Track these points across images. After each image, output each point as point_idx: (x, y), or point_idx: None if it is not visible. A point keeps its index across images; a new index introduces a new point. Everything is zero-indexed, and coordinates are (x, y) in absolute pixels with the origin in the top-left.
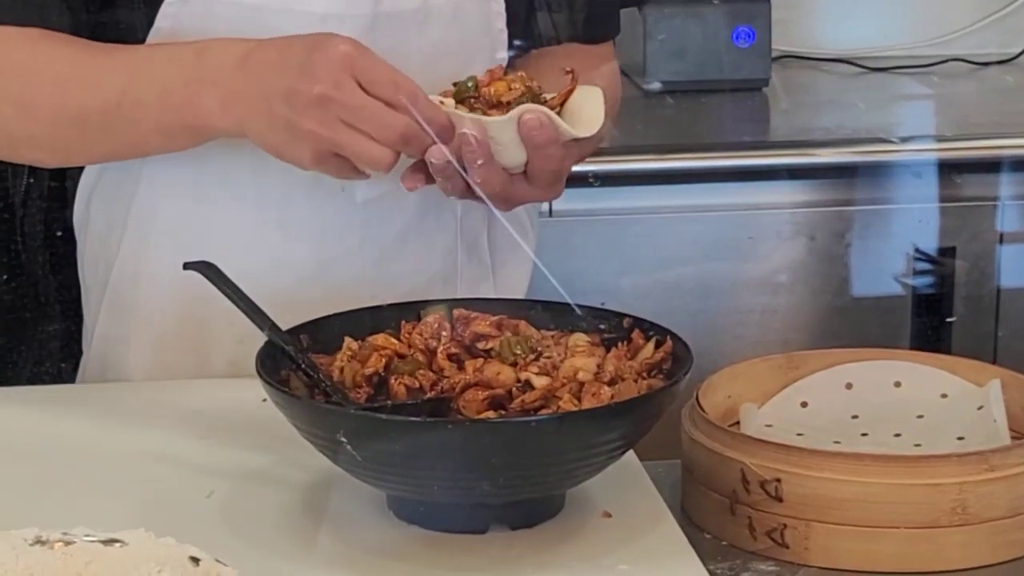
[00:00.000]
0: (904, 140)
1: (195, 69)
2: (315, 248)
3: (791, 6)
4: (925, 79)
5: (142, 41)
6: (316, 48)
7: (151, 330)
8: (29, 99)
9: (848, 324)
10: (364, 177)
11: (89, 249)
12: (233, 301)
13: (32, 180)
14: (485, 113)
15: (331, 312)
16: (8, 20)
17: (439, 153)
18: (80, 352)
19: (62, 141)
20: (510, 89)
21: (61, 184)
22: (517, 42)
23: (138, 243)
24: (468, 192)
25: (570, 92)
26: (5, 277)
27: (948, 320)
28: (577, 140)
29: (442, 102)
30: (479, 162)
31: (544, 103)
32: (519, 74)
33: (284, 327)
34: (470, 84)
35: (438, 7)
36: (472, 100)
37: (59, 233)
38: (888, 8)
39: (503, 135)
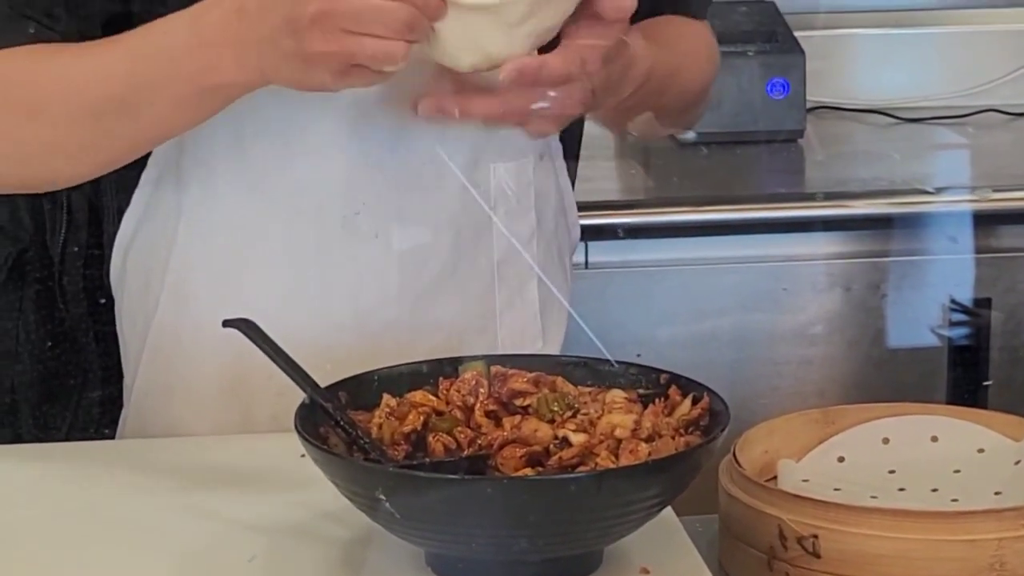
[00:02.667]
0: (939, 191)
1: (195, 34)
2: (352, 296)
3: (826, 57)
4: (960, 129)
5: None
6: None
7: (191, 384)
8: (40, 103)
9: (884, 375)
10: (387, 78)
11: (127, 305)
12: (272, 358)
13: (69, 235)
14: None
15: (369, 359)
16: (5, 42)
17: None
18: (120, 408)
19: (79, 140)
20: None
21: (99, 241)
22: None
23: (176, 298)
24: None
25: None
26: (48, 343)
27: (985, 380)
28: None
29: None
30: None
31: None
32: None
33: (323, 375)
34: None
35: None
36: None
37: (100, 299)
38: (923, 59)
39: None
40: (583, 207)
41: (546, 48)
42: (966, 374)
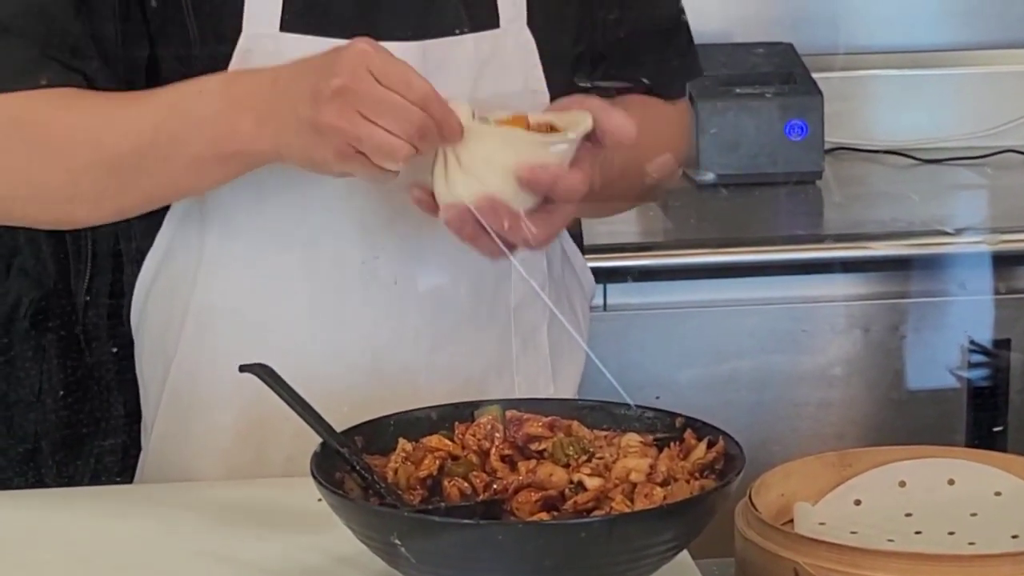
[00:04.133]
0: (958, 232)
1: (227, 97)
2: (369, 340)
3: (844, 99)
4: (979, 170)
5: None
6: (336, 50)
7: (209, 427)
8: (59, 148)
9: (903, 417)
10: (388, 177)
11: (147, 348)
12: (289, 404)
13: (94, 280)
14: None
15: (387, 403)
16: (30, 84)
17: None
18: (137, 455)
19: (94, 188)
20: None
21: (122, 287)
22: None
23: (195, 341)
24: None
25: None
26: (69, 391)
27: (1003, 422)
28: (588, 147)
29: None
30: (506, 224)
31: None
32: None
33: (340, 418)
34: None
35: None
36: None
37: (121, 345)
38: (941, 100)
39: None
40: (601, 249)
41: None
42: (985, 416)
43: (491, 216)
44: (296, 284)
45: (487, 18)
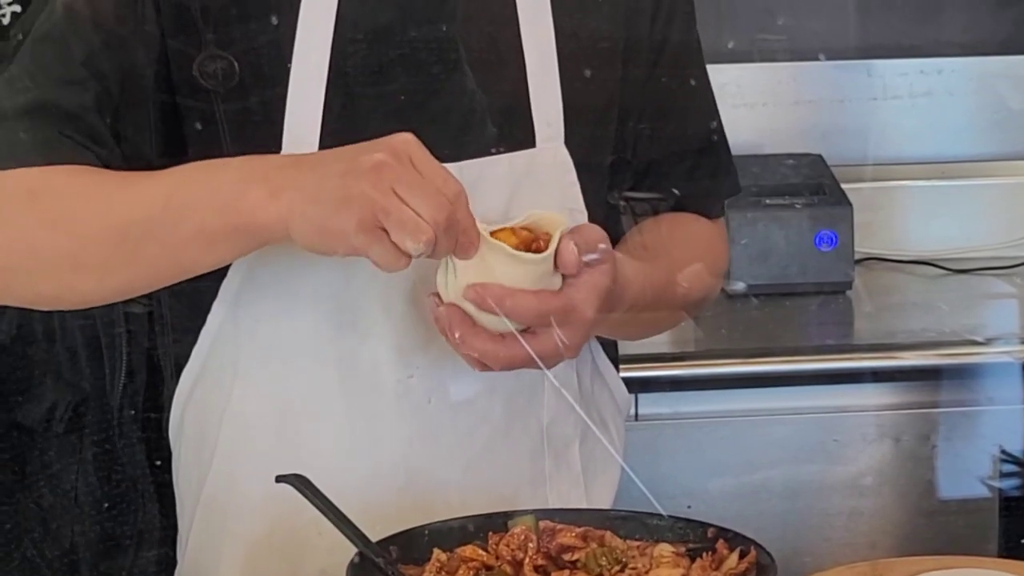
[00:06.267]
0: (988, 341)
1: (243, 170)
2: (403, 459)
3: (873, 209)
4: (1008, 280)
5: None
6: (377, 140)
7: (243, 540)
8: (66, 213)
9: (935, 527)
10: (400, 263)
11: (184, 459)
12: (325, 514)
13: (128, 386)
14: None
15: (420, 521)
16: (49, 158)
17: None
18: (174, 567)
19: (100, 257)
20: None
21: (157, 392)
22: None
23: (230, 455)
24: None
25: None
26: (100, 497)
27: None
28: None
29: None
30: (456, 334)
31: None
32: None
33: (373, 536)
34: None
35: None
36: None
37: (158, 452)
38: (970, 210)
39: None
40: (632, 359)
41: None
42: (1017, 526)
43: (444, 322)
44: (330, 402)
45: (523, 138)
